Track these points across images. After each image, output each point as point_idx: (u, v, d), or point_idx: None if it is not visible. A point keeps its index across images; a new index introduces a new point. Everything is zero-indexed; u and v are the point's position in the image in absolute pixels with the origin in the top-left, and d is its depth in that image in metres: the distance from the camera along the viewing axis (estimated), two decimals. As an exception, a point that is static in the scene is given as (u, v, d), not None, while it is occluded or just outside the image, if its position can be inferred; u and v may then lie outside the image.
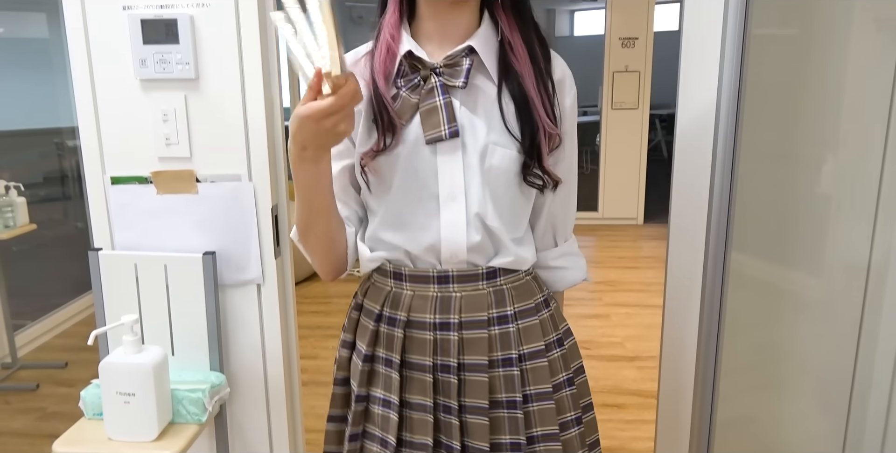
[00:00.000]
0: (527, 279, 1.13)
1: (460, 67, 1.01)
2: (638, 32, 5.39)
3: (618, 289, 4.16)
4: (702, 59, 1.34)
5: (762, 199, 1.50)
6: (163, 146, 1.47)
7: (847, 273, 1.39)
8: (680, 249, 1.46)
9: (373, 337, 1.10)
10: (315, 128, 0.87)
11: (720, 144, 1.35)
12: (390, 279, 1.11)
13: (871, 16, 1.31)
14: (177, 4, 1.40)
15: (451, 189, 1.03)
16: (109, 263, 1.51)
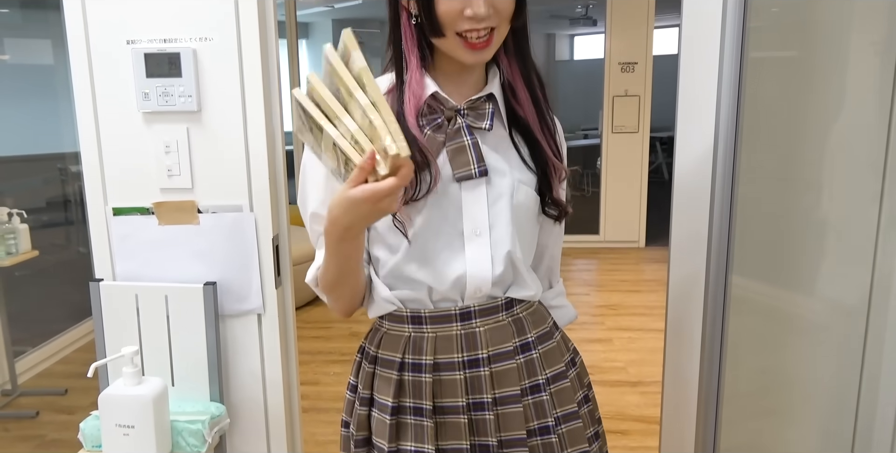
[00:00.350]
0: (537, 304, 1.16)
1: (483, 111, 1.06)
2: (637, 57, 5.44)
3: (620, 314, 4.15)
4: (700, 83, 1.35)
5: (763, 222, 1.50)
6: (165, 177, 1.48)
7: (849, 296, 1.39)
8: (681, 273, 1.46)
9: (397, 387, 1.07)
10: (371, 209, 0.87)
11: (719, 167, 1.36)
12: (408, 324, 1.09)
13: (868, 39, 1.33)
14: (180, 38, 1.41)
15: (476, 225, 1.05)
16: (110, 294, 1.52)
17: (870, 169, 1.30)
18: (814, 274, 1.46)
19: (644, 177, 5.60)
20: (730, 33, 1.29)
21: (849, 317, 1.39)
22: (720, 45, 1.30)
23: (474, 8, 0.94)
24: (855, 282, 1.35)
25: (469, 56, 0.99)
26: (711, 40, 1.32)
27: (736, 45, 1.30)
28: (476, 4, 0.94)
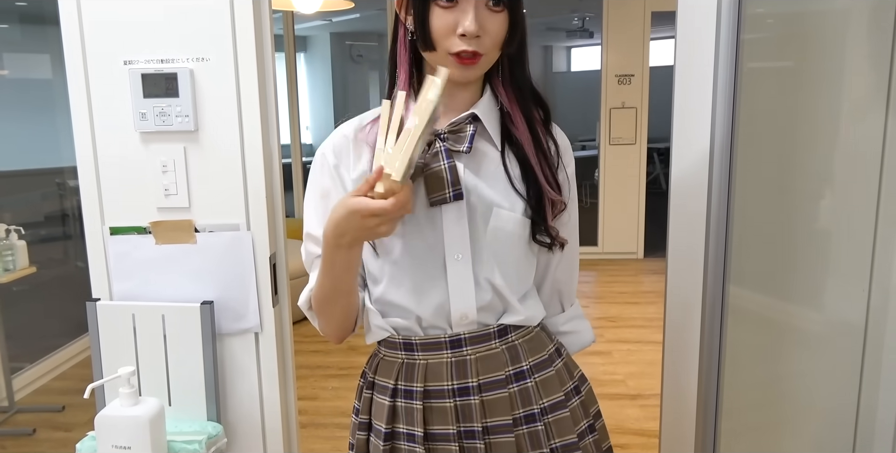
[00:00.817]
0: (536, 331, 1.13)
1: (464, 133, 1.04)
2: (634, 69, 5.46)
3: (619, 326, 4.15)
4: (695, 95, 1.35)
5: (760, 233, 1.51)
6: (162, 197, 1.48)
7: (847, 307, 1.39)
8: (678, 284, 1.45)
9: (390, 413, 1.08)
10: (360, 223, 0.90)
11: (715, 178, 1.36)
12: (401, 351, 1.09)
13: (863, 52, 1.34)
14: (177, 59, 1.42)
15: (457, 250, 1.04)
16: (107, 314, 1.51)
17: (866, 179, 1.30)
18: (812, 285, 1.46)
19: (642, 189, 5.61)
20: (724, 45, 1.30)
21: (847, 328, 1.39)
22: (714, 57, 1.31)
23: (464, 26, 0.95)
24: (853, 292, 1.35)
25: (457, 71, 0.99)
26: (706, 52, 1.32)
27: (730, 57, 1.30)
28: (467, 23, 0.95)
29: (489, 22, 0.97)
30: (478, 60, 0.99)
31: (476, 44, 0.97)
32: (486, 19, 0.97)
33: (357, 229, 0.92)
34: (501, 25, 0.98)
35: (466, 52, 0.97)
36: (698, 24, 1.32)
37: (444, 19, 0.97)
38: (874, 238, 1.28)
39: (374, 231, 0.91)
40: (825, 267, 1.43)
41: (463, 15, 0.95)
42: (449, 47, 0.98)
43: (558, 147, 1.12)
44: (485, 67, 1.02)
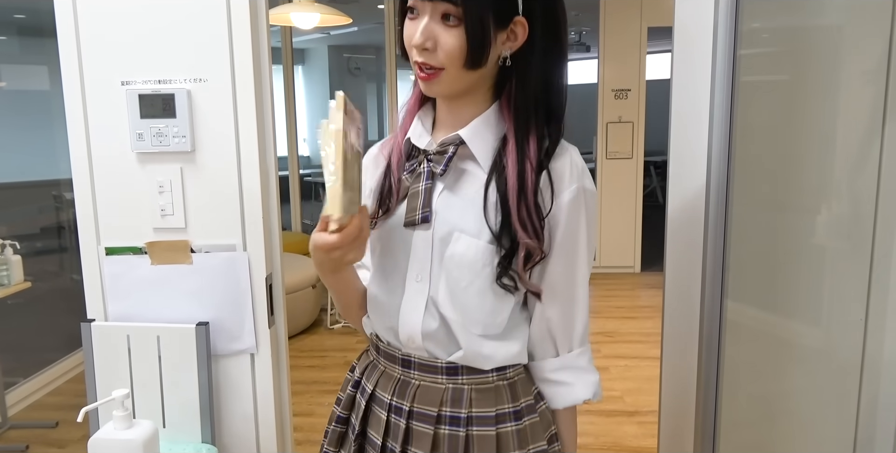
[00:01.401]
0: (497, 384, 1.05)
1: (445, 155, 1.02)
2: (630, 83, 5.48)
3: (616, 341, 4.13)
4: (692, 109, 1.35)
5: (758, 248, 1.50)
6: (158, 217, 1.47)
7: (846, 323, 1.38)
8: (676, 299, 1.45)
9: (349, 401, 1.15)
10: (325, 256, 0.96)
11: (713, 192, 1.36)
12: (373, 349, 1.16)
13: (859, 69, 1.34)
14: (174, 80, 1.42)
15: (419, 271, 1.04)
16: (102, 335, 1.50)
17: (863, 194, 1.30)
18: (809, 300, 1.45)
19: (639, 203, 5.62)
20: (721, 60, 1.30)
21: (845, 344, 1.38)
22: (711, 72, 1.31)
23: (412, 37, 0.95)
24: (851, 308, 1.35)
25: (420, 83, 1.01)
26: (703, 67, 1.32)
27: (727, 71, 1.31)
28: (414, 34, 0.95)
29: (442, 36, 0.94)
30: (436, 75, 0.96)
31: (427, 56, 0.95)
32: (440, 33, 0.94)
33: (327, 261, 0.99)
34: (454, 40, 0.93)
35: (419, 64, 0.97)
36: (695, 40, 1.33)
37: (409, 30, 0.97)
38: (871, 253, 1.28)
39: (342, 260, 0.97)
40: (822, 282, 1.43)
41: (418, 26, 0.95)
42: (412, 57, 0.98)
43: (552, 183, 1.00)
44: (450, 84, 0.98)
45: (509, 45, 0.99)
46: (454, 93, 1.01)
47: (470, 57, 0.94)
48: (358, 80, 9.13)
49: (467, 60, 0.95)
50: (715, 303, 1.40)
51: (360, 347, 1.21)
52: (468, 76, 0.97)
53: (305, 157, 8.89)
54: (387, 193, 1.08)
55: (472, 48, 0.94)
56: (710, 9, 1.31)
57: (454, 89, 1.00)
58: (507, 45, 0.98)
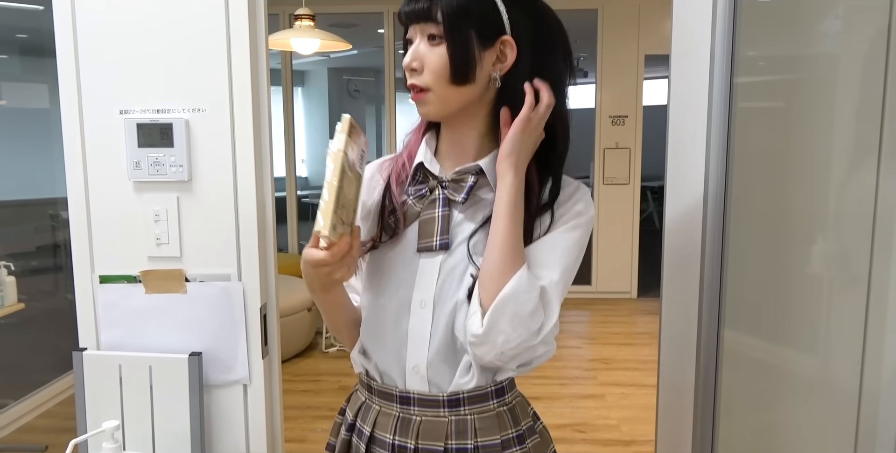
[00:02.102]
0: (499, 411, 1.06)
1: (465, 183, 1.03)
2: (627, 110, 5.51)
3: (613, 368, 4.11)
4: (689, 135, 1.35)
5: (755, 275, 1.50)
6: (153, 246, 1.47)
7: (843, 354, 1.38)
8: (673, 326, 1.44)
9: (344, 446, 1.13)
10: (314, 272, 0.98)
11: (710, 219, 1.36)
12: (365, 390, 1.13)
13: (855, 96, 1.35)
14: (173, 109, 1.42)
15: (424, 296, 1.03)
16: (93, 364, 1.49)
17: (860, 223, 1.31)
18: (807, 329, 1.45)
19: (636, 228, 5.62)
20: (717, 87, 1.31)
21: (843, 374, 1.38)
22: (708, 96, 1.31)
23: (404, 60, 1.00)
24: (848, 339, 1.34)
25: (417, 108, 1.03)
26: (699, 95, 1.33)
27: (724, 99, 1.31)
28: (405, 57, 0.99)
29: (427, 56, 0.98)
30: (423, 96, 0.99)
31: (415, 77, 0.98)
32: (426, 53, 0.98)
33: (315, 277, 1.02)
34: (438, 58, 0.96)
35: (409, 86, 1.00)
36: (692, 67, 1.33)
37: (405, 58, 1.02)
38: (868, 283, 1.28)
39: (330, 277, 0.98)
40: (820, 311, 1.43)
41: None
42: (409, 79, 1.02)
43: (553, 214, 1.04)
44: (438, 104, 1.00)
45: (499, 66, 1.00)
46: (446, 114, 1.02)
47: (453, 72, 0.96)
48: (357, 102, 9.18)
49: (451, 76, 0.97)
50: (712, 330, 1.40)
51: (354, 373, 1.19)
52: (456, 95, 0.99)
53: (303, 178, 8.91)
54: (389, 216, 1.07)
55: (454, 64, 0.96)
56: (707, 37, 1.32)
57: (445, 110, 1.01)
58: (496, 66, 1.00)
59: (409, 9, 0.99)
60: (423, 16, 0.97)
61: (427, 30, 0.97)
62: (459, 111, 1.02)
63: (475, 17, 0.96)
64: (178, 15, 1.40)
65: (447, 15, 0.95)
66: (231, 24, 1.39)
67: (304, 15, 3.38)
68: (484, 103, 1.03)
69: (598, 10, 5.45)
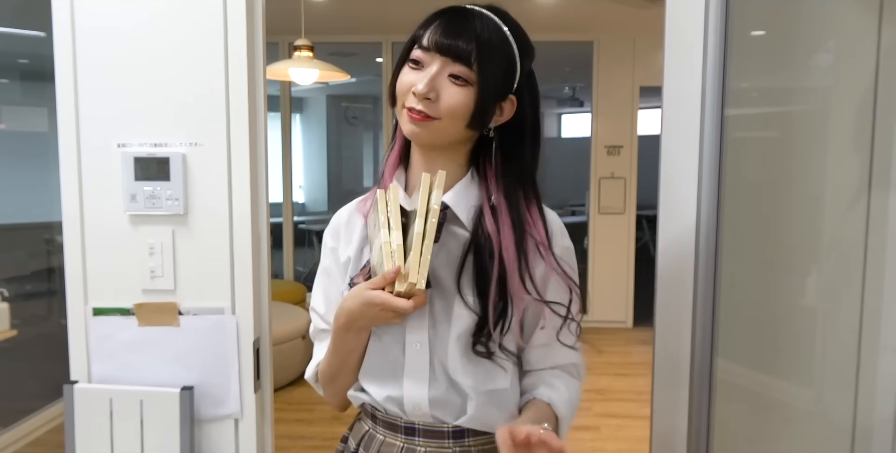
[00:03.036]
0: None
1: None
2: (623, 140, 5.56)
3: (608, 399, 4.08)
4: (681, 165, 1.36)
5: (749, 306, 1.50)
6: (147, 278, 1.47)
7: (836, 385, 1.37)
8: (666, 356, 1.43)
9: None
10: (376, 313, 0.98)
11: (702, 250, 1.36)
12: (369, 419, 1.13)
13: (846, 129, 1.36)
14: (170, 143, 1.43)
15: (416, 339, 1.04)
16: (84, 397, 1.48)
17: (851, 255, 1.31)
18: (801, 361, 1.45)
19: (631, 258, 5.63)
20: (709, 119, 1.32)
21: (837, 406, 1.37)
22: (700, 130, 1.33)
23: (417, 85, 0.99)
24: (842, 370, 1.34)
25: (406, 125, 1.02)
26: (692, 122, 1.34)
27: (715, 130, 1.32)
28: (419, 82, 0.99)
29: (446, 90, 0.99)
30: (429, 122, 1.00)
31: (426, 105, 0.99)
32: (444, 87, 0.99)
33: (371, 318, 1.00)
34: (460, 98, 0.99)
35: (414, 110, 1.00)
36: (683, 100, 1.35)
37: (408, 78, 1.02)
38: (860, 315, 1.28)
39: (386, 320, 1.00)
40: (814, 343, 1.43)
41: (422, 76, 0.99)
42: (405, 102, 1.02)
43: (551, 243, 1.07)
44: (436, 133, 1.02)
45: (496, 119, 1.05)
46: (436, 143, 1.05)
47: (473, 119, 1.01)
48: (355, 128, 9.24)
49: (471, 121, 1.01)
50: (704, 360, 1.39)
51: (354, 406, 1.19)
52: (458, 133, 1.03)
53: (300, 204, 8.92)
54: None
55: (477, 111, 1.00)
56: (699, 69, 1.34)
57: (439, 140, 1.04)
58: (495, 118, 1.05)
59: (447, 42, 0.98)
60: (461, 56, 0.98)
61: (455, 68, 0.99)
62: (448, 149, 1.07)
63: (503, 74, 1.02)
64: (177, 49, 1.42)
65: (485, 66, 0.99)
66: (229, 59, 1.41)
67: (303, 46, 3.42)
68: (467, 143, 1.09)
69: (593, 42, 5.52)
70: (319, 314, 1.16)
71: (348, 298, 1.02)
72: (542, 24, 5.11)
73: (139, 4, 1.42)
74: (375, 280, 0.97)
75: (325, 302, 1.16)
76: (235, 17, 1.41)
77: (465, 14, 1.01)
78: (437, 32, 0.99)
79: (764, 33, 1.50)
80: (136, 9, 1.42)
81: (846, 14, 1.38)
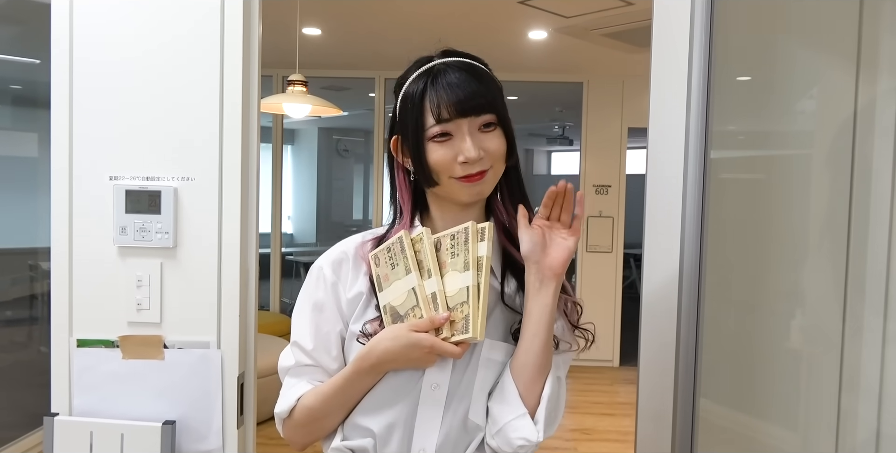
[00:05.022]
0: None
1: None
2: (611, 179, 5.61)
3: (593, 439, 4.05)
4: (666, 206, 1.38)
5: (734, 347, 1.51)
6: (133, 311, 1.47)
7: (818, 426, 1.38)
8: (650, 396, 1.42)
9: None
10: (419, 355, 0.99)
11: (685, 291, 1.37)
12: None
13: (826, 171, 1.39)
14: (162, 177, 1.44)
15: (437, 379, 1.03)
16: (64, 430, 1.46)
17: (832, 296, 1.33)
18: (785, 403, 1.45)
19: (618, 297, 5.64)
20: (692, 162, 1.34)
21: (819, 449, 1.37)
22: (683, 172, 1.35)
23: (465, 153, 1.01)
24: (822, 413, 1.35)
25: (465, 191, 1.04)
26: (675, 167, 1.36)
27: (698, 172, 1.34)
28: (467, 150, 1.00)
29: (486, 142, 1.02)
30: (483, 176, 1.03)
31: (478, 164, 1.02)
32: (483, 140, 1.02)
33: (410, 360, 1.00)
34: (498, 142, 1.04)
35: (472, 174, 1.02)
36: (668, 142, 1.37)
37: (442, 152, 1.02)
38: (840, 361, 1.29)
39: (427, 364, 1.01)
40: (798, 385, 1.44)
41: (461, 143, 1.01)
42: (452, 174, 1.03)
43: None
44: (492, 181, 1.06)
45: None
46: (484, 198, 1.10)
47: (510, 154, 1.06)
48: (346, 161, 9.28)
49: (509, 157, 1.06)
50: (687, 401, 1.39)
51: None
52: (501, 171, 1.08)
53: (289, 235, 8.91)
54: None
55: (510, 144, 1.06)
56: (682, 112, 1.37)
57: (491, 188, 1.08)
58: None
59: (464, 106, 1.01)
60: (485, 109, 1.02)
61: (483, 120, 1.03)
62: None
63: (504, 102, 1.07)
64: (173, 84, 1.44)
65: (500, 104, 1.05)
66: (225, 96, 1.44)
67: (297, 81, 3.46)
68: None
69: (583, 83, 5.61)
70: (305, 350, 1.10)
71: (384, 339, 1.00)
72: (533, 64, 5.20)
73: (137, 39, 1.44)
74: (421, 323, 0.98)
75: (314, 338, 1.10)
76: (232, 55, 1.43)
77: (451, 68, 1.03)
78: (446, 99, 1.01)
79: (750, 79, 1.54)
80: (134, 44, 1.44)
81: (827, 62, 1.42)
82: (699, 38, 1.32)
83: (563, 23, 4.07)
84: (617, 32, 4.20)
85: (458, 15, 3.94)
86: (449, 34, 2.78)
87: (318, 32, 4.50)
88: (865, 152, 1.28)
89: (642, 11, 3.66)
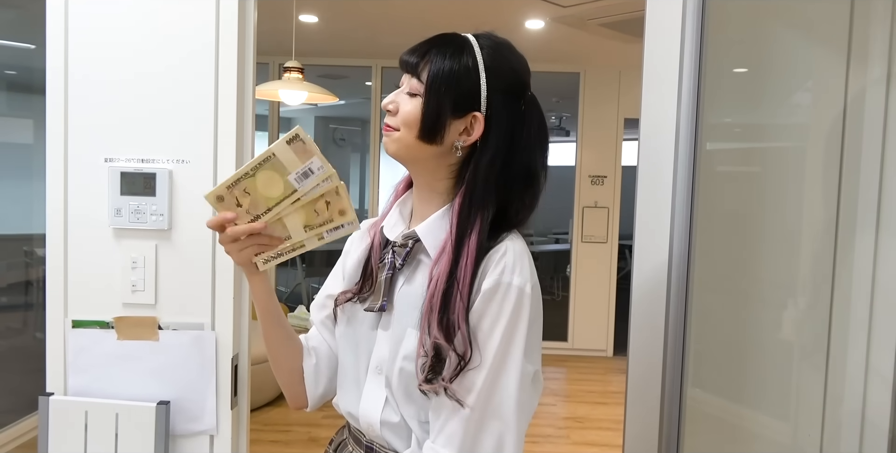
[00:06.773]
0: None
1: (406, 248, 1.06)
2: (607, 170, 5.62)
3: (586, 427, 4.08)
4: (656, 197, 1.38)
5: (724, 337, 1.52)
6: (128, 292, 1.48)
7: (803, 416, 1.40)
8: (639, 385, 1.44)
9: None
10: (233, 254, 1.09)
11: (674, 280, 1.38)
12: (346, 427, 1.17)
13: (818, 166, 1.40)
14: (157, 159, 1.45)
15: (379, 362, 1.06)
16: (59, 409, 1.47)
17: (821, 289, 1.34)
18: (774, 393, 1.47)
19: (613, 287, 5.66)
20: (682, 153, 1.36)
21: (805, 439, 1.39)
22: (673, 163, 1.36)
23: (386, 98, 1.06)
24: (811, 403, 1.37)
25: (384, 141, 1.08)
26: (665, 159, 1.37)
27: (688, 164, 1.36)
28: (389, 96, 1.07)
29: (403, 104, 1.04)
30: (391, 132, 1.05)
31: (389, 117, 1.06)
32: (403, 100, 1.04)
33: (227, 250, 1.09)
34: (409, 108, 1.03)
35: (386, 124, 1.07)
36: (659, 133, 1.38)
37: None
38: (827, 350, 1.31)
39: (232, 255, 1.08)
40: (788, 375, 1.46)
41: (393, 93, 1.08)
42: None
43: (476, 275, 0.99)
44: (396, 143, 1.04)
45: (464, 138, 1.03)
46: (407, 157, 1.06)
47: (421, 129, 1.02)
48: (343, 150, 9.27)
49: (420, 132, 1.02)
50: (675, 390, 1.41)
51: (326, 422, 1.24)
52: (421, 148, 1.03)
53: (284, 224, 8.89)
54: (367, 278, 1.11)
55: (423, 122, 1.02)
56: (674, 103, 1.37)
57: (406, 154, 1.05)
58: (461, 137, 1.03)
59: (405, 59, 1.05)
60: (411, 70, 1.04)
61: (411, 82, 1.04)
62: (424, 168, 1.07)
63: (454, 89, 1.01)
64: (168, 66, 1.44)
65: (430, 79, 1.01)
66: (220, 78, 1.44)
67: (293, 67, 3.46)
68: (446, 166, 1.06)
69: (580, 74, 5.61)
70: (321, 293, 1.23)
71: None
72: (530, 54, 5.15)
73: (132, 22, 1.45)
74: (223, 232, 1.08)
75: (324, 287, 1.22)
76: (227, 37, 1.44)
77: (437, 35, 1.06)
78: (404, 52, 1.06)
79: (746, 70, 1.55)
80: (129, 27, 1.45)
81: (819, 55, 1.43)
82: (691, 30, 1.33)
83: (561, 12, 4.06)
84: (614, 22, 4.20)
85: (456, 3, 3.94)
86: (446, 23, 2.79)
87: (315, 20, 4.50)
88: (854, 144, 1.29)
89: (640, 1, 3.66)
